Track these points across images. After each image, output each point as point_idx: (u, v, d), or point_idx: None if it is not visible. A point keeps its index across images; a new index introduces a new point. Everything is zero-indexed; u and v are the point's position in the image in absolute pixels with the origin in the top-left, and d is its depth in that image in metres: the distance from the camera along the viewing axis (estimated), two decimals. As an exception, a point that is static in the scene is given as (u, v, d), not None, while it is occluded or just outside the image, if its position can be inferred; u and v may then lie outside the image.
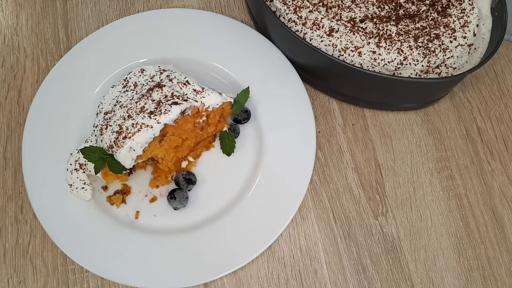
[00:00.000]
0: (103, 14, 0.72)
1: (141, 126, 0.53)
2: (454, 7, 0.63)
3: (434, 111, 0.67)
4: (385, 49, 0.60)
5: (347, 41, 0.60)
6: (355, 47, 0.60)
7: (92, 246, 0.56)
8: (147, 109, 0.54)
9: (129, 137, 0.52)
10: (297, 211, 0.58)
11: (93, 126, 0.57)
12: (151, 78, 0.58)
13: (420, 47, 0.60)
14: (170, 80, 0.58)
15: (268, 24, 0.65)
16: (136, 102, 0.55)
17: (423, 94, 0.64)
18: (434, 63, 0.60)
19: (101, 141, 0.55)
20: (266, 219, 0.57)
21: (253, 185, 0.59)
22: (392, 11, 0.63)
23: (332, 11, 0.62)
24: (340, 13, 0.62)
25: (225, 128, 0.61)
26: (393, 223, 0.61)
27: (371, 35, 0.61)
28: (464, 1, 0.64)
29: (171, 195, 0.58)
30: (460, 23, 0.62)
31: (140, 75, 0.59)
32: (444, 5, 0.63)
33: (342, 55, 0.60)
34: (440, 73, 0.62)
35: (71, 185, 0.57)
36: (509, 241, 0.60)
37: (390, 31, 0.61)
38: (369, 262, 0.59)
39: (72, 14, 0.72)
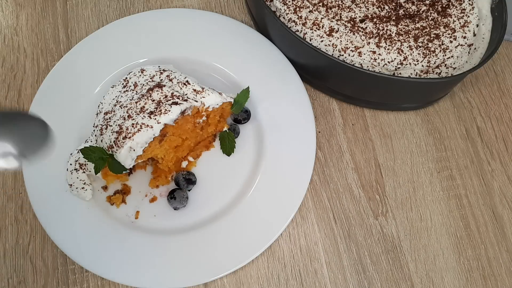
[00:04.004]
0: (103, 14, 0.72)
1: (141, 126, 0.53)
2: (454, 7, 0.63)
3: (434, 111, 0.67)
4: (385, 49, 0.60)
5: (347, 41, 0.60)
6: (355, 47, 0.60)
7: (92, 246, 0.56)
8: (147, 109, 0.54)
9: (129, 137, 0.52)
10: (297, 211, 0.58)
11: (93, 126, 0.57)
12: (151, 78, 0.58)
13: (420, 47, 0.60)
14: (170, 80, 0.58)
15: (268, 24, 0.65)
16: (136, 102, 0.55)
17: (423, 94, 0.64)
18: (434, 63, 0.60)
19: (101, 141, 0.55)
20: (266, 219, 0.57)
21: (253, 185, 0.59)
22: (392, 11, 0.63)
23: (332, 11, 0.62)
24: (340, 13, 0.62)
25: (225, 128, 0.61)
26: (393, 223, 0.61)
27: (371, 35, 0.61)
28: (464, 1, 0.64)
29: (171, 195, 0.58)
30: (460, 23, 0.62)
31: (140, 75, 0.59)
32: (444, 5, 0.63)
33: (342, 55, 0.60)
34: (440, 73, 0.62)
35: (71, 185, 0.57)
36: (509, 241, 0.60)
37: (390, 31, 0.61)
38: (369, 262, 0.59)
39: (72, 14, 0.72)
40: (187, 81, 0.58)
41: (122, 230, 0.57)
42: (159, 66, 0.60)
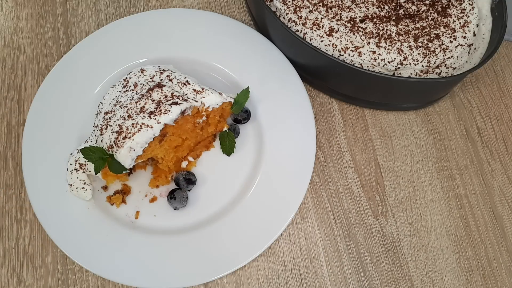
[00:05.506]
0: (103, 14, 0.72)
1: (141, 126, 0.53)
2: (454, 7, 0.63)
3: (434, 111, 0.67)
4: (385, 49, 0.60)
5: (347, 41, 0.60)
6: (355, 47, 0.60)
7: (92, 246, 0.56)
8: (147, 109, 0.54)
9: (129, 137, 0.52)
10: (297, 211, 0.58)
11: (93, 126, 0.57)
12: (151, 78, 0.58)
13: (420, 47, 0.60)
14: (170, 80, 0.58)
15: (268, 24, 0.65)
16: (136, 102, 0.55)
17: (423, 94, 0.64)
18: (434, 63, 0.60)
19: (101, 141, 0.55)
20: (266, 219, 0.57)
21: (253, 185, 0.59)
22: (392, 11, 0.63)
23: (332, 11, 0.62)
24: (340, 13, 0.62)
25: (225, 128, 0.61)
26: (393, 223, 0.61)
27: (371, 35, 0.61)
28: (464, 1, 0.64)
29: (171, 195, 0.58)
30: (460, 23, 0.62)
31: (140, 75, 0.59)
32: (444, 5, 0.63)
33: (342, 55, 0.60)
34: (440, 73, 0.62)
35: (71, 185, 0.57)
36: (509, 241, 0.60)
37: (390, 31, 0.61)
38: (369, 262, 0.59)
39: (72, 14, 0.72)
40: (187, 81, 0.58)
41: (122, 230, 0.57)
42: (159, 66, 0.60)
